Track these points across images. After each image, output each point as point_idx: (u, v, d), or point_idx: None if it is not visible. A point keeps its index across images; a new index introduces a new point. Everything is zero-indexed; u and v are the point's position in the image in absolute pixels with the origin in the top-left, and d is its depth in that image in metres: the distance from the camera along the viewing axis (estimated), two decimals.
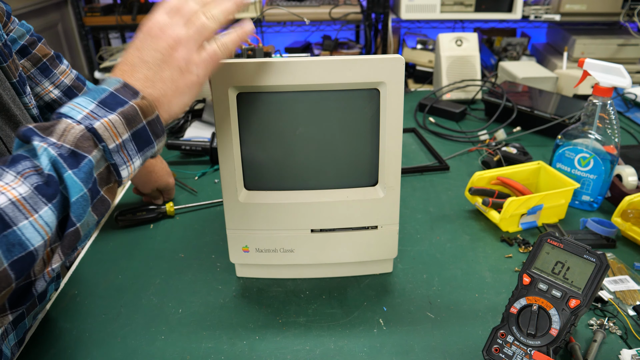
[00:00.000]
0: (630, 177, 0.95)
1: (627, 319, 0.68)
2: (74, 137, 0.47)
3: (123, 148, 0.50)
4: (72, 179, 0.46)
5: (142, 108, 0.51)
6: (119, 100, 0.50)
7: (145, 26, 0.54)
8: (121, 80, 0.51)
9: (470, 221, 0.92)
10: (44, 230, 0.44)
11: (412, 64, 2.27)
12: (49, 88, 0.86)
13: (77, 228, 0.47)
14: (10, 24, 0.80)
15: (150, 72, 0.53)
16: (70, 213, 0.46)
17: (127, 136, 0.50)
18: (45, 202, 0.44)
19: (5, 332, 0.61)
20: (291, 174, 0.70)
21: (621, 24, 2.30)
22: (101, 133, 0.48)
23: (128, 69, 0.53)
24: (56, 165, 0.46)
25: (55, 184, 0.45)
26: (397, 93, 0.64)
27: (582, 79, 0.92)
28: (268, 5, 2.38)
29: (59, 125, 0.47)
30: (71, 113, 0.48)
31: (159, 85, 0.53)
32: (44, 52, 0.85)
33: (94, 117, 0.48)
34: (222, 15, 0.56)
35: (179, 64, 0.53)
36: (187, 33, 0.54)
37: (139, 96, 0.51)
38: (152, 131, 0.52)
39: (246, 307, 0.72)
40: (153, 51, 0.53)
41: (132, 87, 0.51)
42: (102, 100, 0.49)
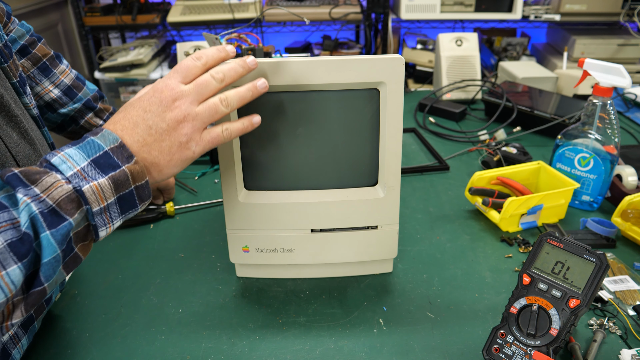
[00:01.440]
0: (630, 177, 0.95)
1: (627, 319, 0.68)
2: (59, 196, 0.45)
3: (106, 211, 0.49)
4: (49, 240, 0.45)
5: (133, 173, 0.50)
6: (112, 163, 0.49)
7: (158, 87, 0.53)
8: (119, 139, 0.50)
9: (470, 221, 0.92)
10: (8, 288, 0.43)
11: (412, 64, 2.27)
12: (48, 87, 0.86)
13: (44, 287, 0.47)
14: (10, 24, 0.81)
15: (151, 138, 0.52)
16: (39, 272, 0.46)
17: (113, 200, 0.49)
18: (15, 260, 0.43)
19: (17, 337, 0.61)
20: (291, 174, 0.70)
21: (621, 24, 2.30)
22: (88, 197, 0.47)
23: (129, 126, 0.52)
24: (35, 223, 0.44)
25: (29, 243, 0.44)
26: (397, 93, 0.64)
27: (582, 79, 0.92)
28: (268, 5, 2.38)
29: (47, 178, 0.46)
30: (62, 167, 0.47)
31: (154, 152, 0.52)
32: (44, 52, 0.85)
33: (83, 177, 0.47)
34: (236, 102, 0.56)
35: (180, 138, 0.53)
36: (197, 111, 0.53)
37: (133, 160, 0.50)
38: (138, 195, 0.52)
39: (246, 307, 0.72)
40: (159, 119, 0.52)
41: (128, 150, 0.50)
42: (95, 160, 0.48)
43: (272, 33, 2.51)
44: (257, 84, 0.57)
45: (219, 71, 0.55)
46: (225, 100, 0.55)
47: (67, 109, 0.88)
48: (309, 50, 2.53)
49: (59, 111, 0.88)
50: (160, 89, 0.53)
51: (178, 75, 0.54)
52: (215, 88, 0.55)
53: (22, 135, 0.65)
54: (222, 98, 0.55)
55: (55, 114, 0.88)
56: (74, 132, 0.93)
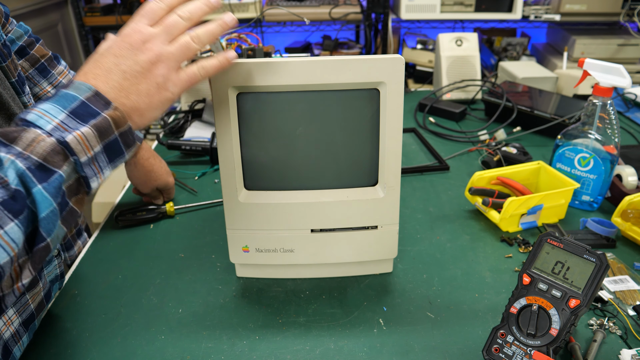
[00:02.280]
0: (630, 177, 0.95)
1: (627, 319, 0.68)
2: (43, 150, 0.45)
3: (94, 160, 0.49)
4: (42, 194, 0.44)
5: (114, 119, 0.49)
6: (91, 111, 0.48)
7: (126, 33, 0.52)
8: (92, 87, 0.49)
9: (470, 221, 0.92)
10: (9, 246, 0.43)
11: (412, 64, 2.27)
12: (47, 88, 0.86)
13: (48, 243, 0.46)
14: (8, 25, 0.80)
15: (127, 82, 0.51)
16: (39, 228, 0.45)
17: (99, 148, 0.49)
18: (11, 217, 0.43)
19: (18, 335, 0.61)
20: (291, 174, 0.70)
21: (621, 24, 2.30)
22: (73, 147, 0.46)
23: (102, 73, 0.51)
24: (24, 179, 0.44)
25: (22, 199, 0.44)
26: (397, 93, 0.64)
27: (582, 79, 0.92)
28: (268, 5, 2.38)
29: (26, 134, 0.45)
30: (39, 122, 0.46)
31: (133, 97, 0.52)
32: (42, 53, 0.85)
33: (64, 129, 0.46)
34: (207, 38, 0.55)
35: (157, 79, 0.52)
36: (169, 51, 0.53)
37: (111, 107, 0.49)
38: (123, 142, 0.51)
39: (246, 307, 0.72)
40: (132, 62, 0.51)
41: (104, 97, 0.49)
42: (73, 110, 0.47)
43: (272, 33, 2.51)
44: (224, 18, 0.56)
45: (185, 10, 0.54)
46: (196, 37, 0.54)
47: None
48: (309, 50, 2.53)
49: None
50: (129, 33, 0.52)
51: (144, 18, 0.53)
52: (183, 27, 0.54)
53: None
54: (193, 35, 0.54)
55: None
56: None
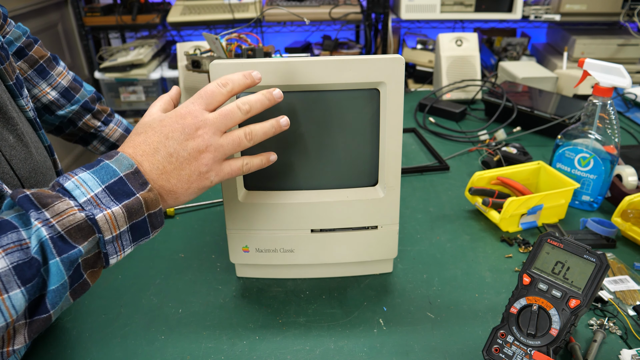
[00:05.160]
0: (630, 177, 0.95)
1: (627, 319, 0.68)
2: (71, 224, 0.45)
3: (118, 239, 0.48)
4: (58, 267, 0.44)
5: (147, 201, 0.49)
6: (127, 190, 0.48)
7: (181, 113, 0.52)
8: (134, 165, 0.49)
9: (470, 221, 0.92)
10: (8, 312, 0.42)
11: (412, 64, 2.27)
12: (46, 90, 0.86)
13: (50, 315, 0.46)
14: (6, 26, 0.80)
15: (171, 166, 0.51)
16: (45, 298, 0.45)
17: (125, 228, 0.48)
18: (19, 284, 0.42)
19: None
20: (291, 174, 0.70)
21: (621, 24, 2.30)
22: (101, 225, 0.46)
23: (149, 151, 0.51)
24: (45, 248, 0.44)
25: (36, 268, 0.43)
26: (397, 93, 0.64)
27: (582, 79, 0.92)
28: (268, 5, 2.38)
29: (59, 204, 0.45)
30: (75, 193, 0.46)
31: (173, 181, 0.52)
32: (41, 54, 0.85)
33: (97, 205, 0.46)
34: (260, 138, 0.55)
35: (200, 168, 0.52)
36: (220, 143, 0.52)
37: (147, 187, 0.49)
38: (150, 223, 0.51)
39: (246, 307, 0.72)
40: (180, 147, 0.51)
41: (143, 177, 0.49)
42: (110, 186, 0.47)
43: (272, 33, 2.51)
44: (280, 121, 0.57)
45: (245, 102, 0.54)
46: (249, 134, 0.54)
47: (64, 110, 0.88)
48: (309, 50, 2.53)
49: (57, 113, 0.88)
50: (184, 114, 0.52)
51: (202, 101, 0.53)
52: (239, 119, 0.54)
53: (19, 138, 0.64)
54: (247, 132, 0.54)
55: (53, 116, 0.88)
56: (72, 134, 0.92)
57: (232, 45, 1.15)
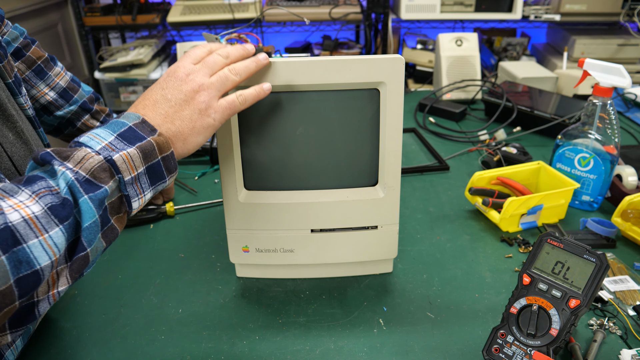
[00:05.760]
0: (630, 177, 0.95)
1: (627, 319, 0.68)
2: (92, 166, 0.48)
3: (137, 181, 0.52)
4: (88, 204, 0.47)
5: (158, 144, 0.53)
6: (138, 135, 0.52)
7: (171, 69, 0.58)
8: (140, 116, 0.54)
9: (470, 221, 0.92)
10: (52, 250, 0.44)
11: (412, 64, 2.27)
12: (44, 90, 0.86)
13: (87, 253, 0.48)
14: (3, 27, 0.80)
15: (172, 109, 0.56)
16: (81, 237, 0.47)
17: (142, 170, 0.52)
18: (57, 223, 0.45)
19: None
20: (291, 174, 0.70)
21: (621, 24, 2.30)
22: (119, 165, 0.50)
23: (150, 104, 0.56)
24: (73, 189, 0.47)
25: (70, 207, 0.46)
26: (397, 93, 0.64)
27: (582, 79, 0.92)
28: (268, 5, 2.38)
29: (78, 152, 0.48)
30: (90, 143, 0.50)
31: (177, 122, 0.56)
32: (38, 55, 0.85)
33: (112, 149, 0.50)
34: (244, 72, 0.60)
35: (199, 106, 0.57)
36: (210, 81, 0.58)
37: (157, 133, 0.53)
38: (165, 167, 0.54)
39: (246, 307, 0.72)
40: (177, 91, 0.56)
41: (150, 124, 0.54)
42: (121, 134, 0.51)
43: (272, 33, 2.51)
44: (259, 57, 0.61)
45: (223, 51, 0.60)
46: (234, 70, 0.59)
47: (63, 111, 0.88)
48: (309, 50, 2.53)
49: (55, 114, 0.88)
50: (174, 69, 0.58)
51: (189, 58, 0.59)
52: (222, 63, 0.59)
53: (18, 135, 0.65)
54: (231, 68, 0.59)
55: (52, 116, 0.88)
56: (71, 135, 0.92)
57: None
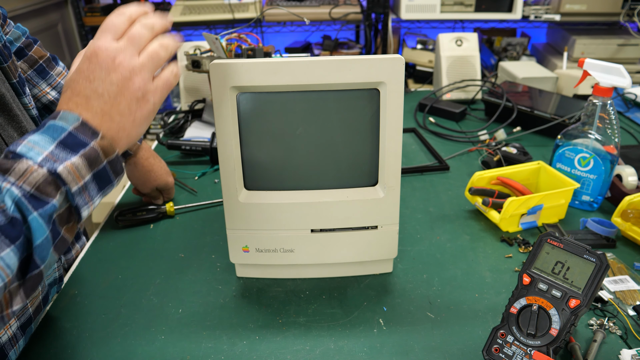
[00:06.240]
0: (630, 177, 0.95)
1: (627, 319, 0.68)
2: (36, 181, 0.45)
3: (85, 189, 0.49)
4: (38, 221, 0.45)
5: (103, 149, 0.49)
6: (79, 142, 0.48)
7: (92, 53, 0.51)
8: (79, 117, 0.49)
9: (470, 221, 0.92)
10: (4, 272, 0.43)
11: (412, 64, 2.27)
12: (46, 90, 0.86)
13: (41, 270, 0.46)
14: (6, 26, 0.80)
15: (107, 105, 0.50)
16: (34, 255, 0.45)
17: (89, 177, 0.49)
18: (7, 243, 0.43)
19: (15, 338, 0.61)
20: (291, 174, 0.70)
21: (621, 24, 2.30)
22: (64, 177, 0.46)
23: (82, 101, 0.50)
24: (20, 206, 0.44)
25: (19, 225, 0.44)
26: (397, 93, 0.64)
27: (582, 79, 0.92)
28: (268, 5, 2.38)
29: (18, 165, 0.45)
30: (30, 154, 0.46)
31: (116, 118, 0.51)
32: (40, 54, 0.85)
33: (55, 160, 0.46)
34: (173, 47, 0.55)
35: (135, 94, 0.51)
36: (141, 62, 0.52)
37: (99, 136, 0.49)
38: (112, 170, 0.51)
39: (246, 307, 0.72)
40: (107, 84, 0.50)
41: (91, 127, 0.49)
42: (62, 141, 0.47)
43: (272, 33, 2.51)
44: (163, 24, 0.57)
45: (146, 22, 0.54)
46: (163, 45, 0.54)
47: None
48: (309, 50, 2.53)
49: None
50: (95, 52, 0.51)
51: (108, 33, 0.52)
52: (148, 37, 0.53)
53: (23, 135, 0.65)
54: (161, 43, 0.54)
55: None
56: None
57: (232, 45, 1.15)
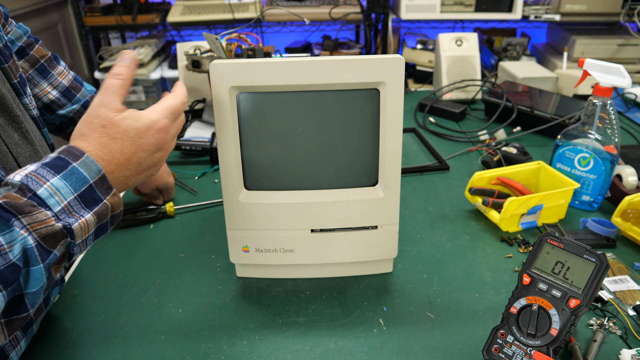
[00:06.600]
0: (630, 177, 0.95)
1: (627, 319, 0.68)
2: (48, 232, 0.47)
3: (85, 242, 0.51)
4: (40, 272, 0.47)
5: (112, 205, 0.53)
6: (96, 198, 0.51)
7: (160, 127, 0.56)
8: (102, 171, 0.52)
9: (470, 221, 0.92)
10: None
11: (412, 64, 2.27)
12: (47, 89, 0.86)
13: (29, 314, 0.48)
14: (8, 25, 0.80)
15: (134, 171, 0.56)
16: (25, 299, 0.47)
17: (93, 231, 0.52)
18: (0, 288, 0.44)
19: (16, 339, 0.61)
20: (291, 174, 0.70)
21: (621, 24, 2.30)
22: (75, 233, 0.49)
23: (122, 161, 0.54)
24: (30, 256, 0.46)
25: (17, 273, 0.45)
26: (397, 93, 0.64)
27: (582, 79, 0.92)
28: (268, 5, 2.38)
29: (38, 214, 0.47)
30: (50, 201, 0.48)
31: (131, 182, 0.56)
32: (42, 54, 0.85)
33: (70, 213, 0.49)
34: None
35: (159, 165, 0.59)
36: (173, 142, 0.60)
37: (112, 192, 0.52)
38: (111, 222, 0.54)
39: (246, 307, 0.72)
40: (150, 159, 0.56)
41: (108, 182, 0.52)
42: (81, 194, 0.50)
43: (272, 33, 2.51)
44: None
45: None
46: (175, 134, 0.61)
47: (65, 110, 0.88)
48: (309, 50, 2.53)
49: (58, 112, 0.88)
50: (160, 129, 0.57)
51: (173, 117, 0.59)
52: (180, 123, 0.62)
53: (24, 136, 0.65)
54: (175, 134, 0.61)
55: (54, 115, 0.88)
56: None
57: (232, 45, 1.15)
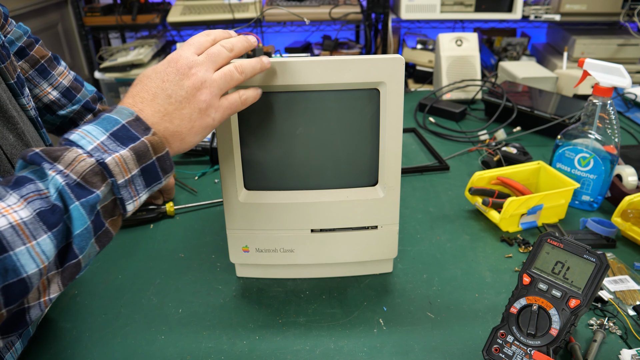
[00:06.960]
0: (630, 177, 0.95)
1: (627, 319, 0.68)
2: (83, 170, 0.46)
3: (131, 183, 0.50)
4: (79, 211, 0.46)
5: (153, 144, 0.51)
6: (131, 135, 0.50)
7: (173, 58, 0.54)
8: (134, 113, 0.51)
9: (470, 221, 0.92)
10: (40, 258, 0.43)
11: (412, 64, 2.27)
12: (47, 89, 0.86)
13: (79, 260, 0.47)
14: (7, 25, 0.80)
15: (171, 106, 0.53)
16: (72, 244, 0.46)
17: (137, 172, 0.50)
18: (45, 229, 0.44)
19: (11, 342, 0.61)
20: (291, 174, 0.70)
21: (621, 24, 2.30)
22: (112, 168, 0.48)
23: (149, 97, 0.53)
24: (63, 194, 0.45)
25: (59, 213, 0.45)
26: (397, 93, 0.64)
27: (582, 79, 0.92)
28: (268, 5, 2.38)
29: (68, 154, 0.46)
30: (81, 142, 0.47)
31: (176, 121, 0.53)
32: (42, 54, 0.85)
33: (105, 150, 0.48)
34: (250, 71, 0.58)
35: (200, 105, 0.54)
36: (213, 78, 0.55)
37: (151, 132, 0.51)
38: (161, 167, 0.52)
39: (246, 307, 0.72)
40: (178, 87, 0.53)
41: (144, 122, 0.51)
42: (114, 133, 0.49)
43: (272, 33, 2.51)
44: (263, 60, 0.59)
45: (227, 42, 0.57)
46: (240, 67, 0.57)
47: (65, 110, 0.88)
48: (309, 50, 2.53)
49: (58, 113, 0.88)
50: (176, 59, 0.54)
51: (191, 47, 0.55)
52: (227, 57, 0.57)
53: (19, 137, 0.64)
54: (237, 65, 0.56)
55: (54, 116, 0.88)
56: None
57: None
